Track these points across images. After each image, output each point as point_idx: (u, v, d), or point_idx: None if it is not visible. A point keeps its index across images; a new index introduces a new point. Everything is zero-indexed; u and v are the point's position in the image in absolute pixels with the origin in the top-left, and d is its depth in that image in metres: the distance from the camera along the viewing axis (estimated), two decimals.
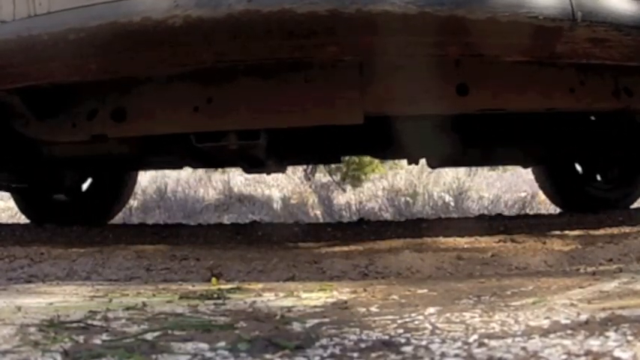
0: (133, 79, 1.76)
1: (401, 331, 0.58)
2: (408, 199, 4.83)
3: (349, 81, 1.71)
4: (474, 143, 2.19)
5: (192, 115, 1.74)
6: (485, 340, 0.52)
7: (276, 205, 5.16)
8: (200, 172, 6.47)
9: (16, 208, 3.48)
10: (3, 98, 1.83)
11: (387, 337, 0.55)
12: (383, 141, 2.26)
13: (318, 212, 4.54)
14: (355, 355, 0.49)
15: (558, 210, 3.18)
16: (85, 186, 3.26)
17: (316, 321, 0.65)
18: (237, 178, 6.09)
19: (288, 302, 0.78)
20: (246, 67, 1.70)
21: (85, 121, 1.82)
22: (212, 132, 1.78)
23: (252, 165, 2.25)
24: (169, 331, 0.58)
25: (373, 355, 0.49)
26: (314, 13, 1.40)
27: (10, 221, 3.46)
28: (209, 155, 2.07)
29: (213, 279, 1.09)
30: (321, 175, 6.54)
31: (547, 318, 0.60)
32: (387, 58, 1.66)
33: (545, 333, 0.54)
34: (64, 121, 1.85)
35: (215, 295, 0.83)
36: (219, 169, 6.43)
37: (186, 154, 2.20)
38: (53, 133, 1.87)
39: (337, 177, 6.28)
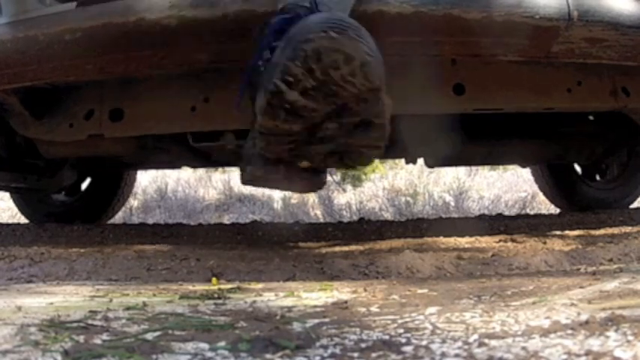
0: (130, 79, 1.76)
1: (401, 330, 0.58)
2: (408, 199, 4.83)
3: None
4: (471, 143, 2.19)
5: (189, 114, 1.75)
6: (486, 340, 0.52)
7: (277, 205, 5.16)
8: (200, 171, 6.47)
9: (16, 208, 3.48)
10: (1, 99, 1.84)
11: (387, 337, 0.55)
12: None
13: (319, 212, 4.54)
14: (355, 354, 0.49)
15: (558, 210, 3.18)
16: (84, 186, 3.26)
17: (317, 321, 0.65)
18: (238, 178, 6.08)
19: (289, 302, 0.78)
20: (243, 66, 1.70)
21: (82, 121, 1.82)
22: (209, 132, 1.78)
23: None
24: (170, 331, 0.58)
25: (373, 354, 0.49)
26: None
27: (10, 221, 3.46)
28: (206, 155, 2.08)
29: (214, 279, 1.09)
30: None
31: (547, 318, 0.60)
32: (383, 59, 1.66)
33: (545, 333, 0.54)
34: (62, 121, 1.85)
35: (215, 295, 0.83)
36: (220, 169, 6.43)
37: (183, 153, 2.20)
38: (51, 132, 1.87)
39: (337, 177, 6.28)
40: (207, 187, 5.88)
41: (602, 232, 1.90)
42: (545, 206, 3.78)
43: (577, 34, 1.52)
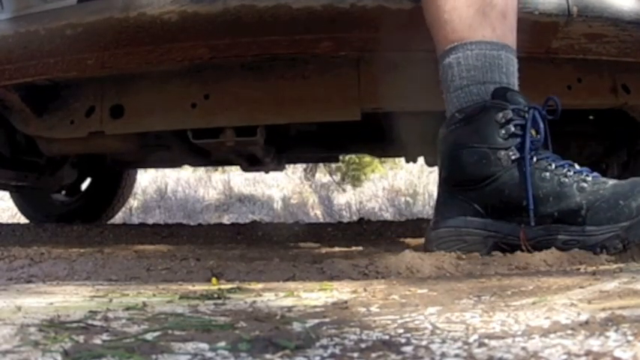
0: (131, 75, 1.77)
1: (401, 331, 0.58)
2: (408, 199, 4.83)
3: (346, 77, 1.71)
4: None
5: (190, 111, 1.75)
6: (486, 340, 0.52)
7: (277, 205, 5.16)
8: (200, 172, 6.48)
9: (16, 208, 3.48)
10: (2, 95, 1.84)
11: (387, 337, 0.55)
12: (381, 139, 2.27)
13: (319, 212, 4.54)
14: (355, 355, 0.49)
15: None
16: (84, 186, 3.26)
17: (316, 321, 0.65)
18: (238, 178, 6.09)
19: (289, 302, 0.78)
20: (244, 62, 1.70)
21: (83, 118, 1.83)
22: (209, 128, 1.79)
23: (250, 163, 2.26)
24: (169, 331, 0.58)
25: (373, 355, 0.49)
26: (309, 8, 1.40)
27: (10, 221, 3.46)
28: (207, 152, 2.08)
29: (214, 279, 1.09)
30: (321, 175, 6.55)
31: (547, 318, 0.60)
32: (384, 54, 1.66)
33: (545, 333, 0.54)
34: (63, 118, 1.86)
35: (215, 295, 0.83)
36: (220, 169, 6.44)
37: (184, 151, 2.21)
38: (51, 130, 1.88)
39: (337, 177, 6.28)
40: (207, 187, 5.88)
41: None
42: None
43: (577, 30, 1.53)
